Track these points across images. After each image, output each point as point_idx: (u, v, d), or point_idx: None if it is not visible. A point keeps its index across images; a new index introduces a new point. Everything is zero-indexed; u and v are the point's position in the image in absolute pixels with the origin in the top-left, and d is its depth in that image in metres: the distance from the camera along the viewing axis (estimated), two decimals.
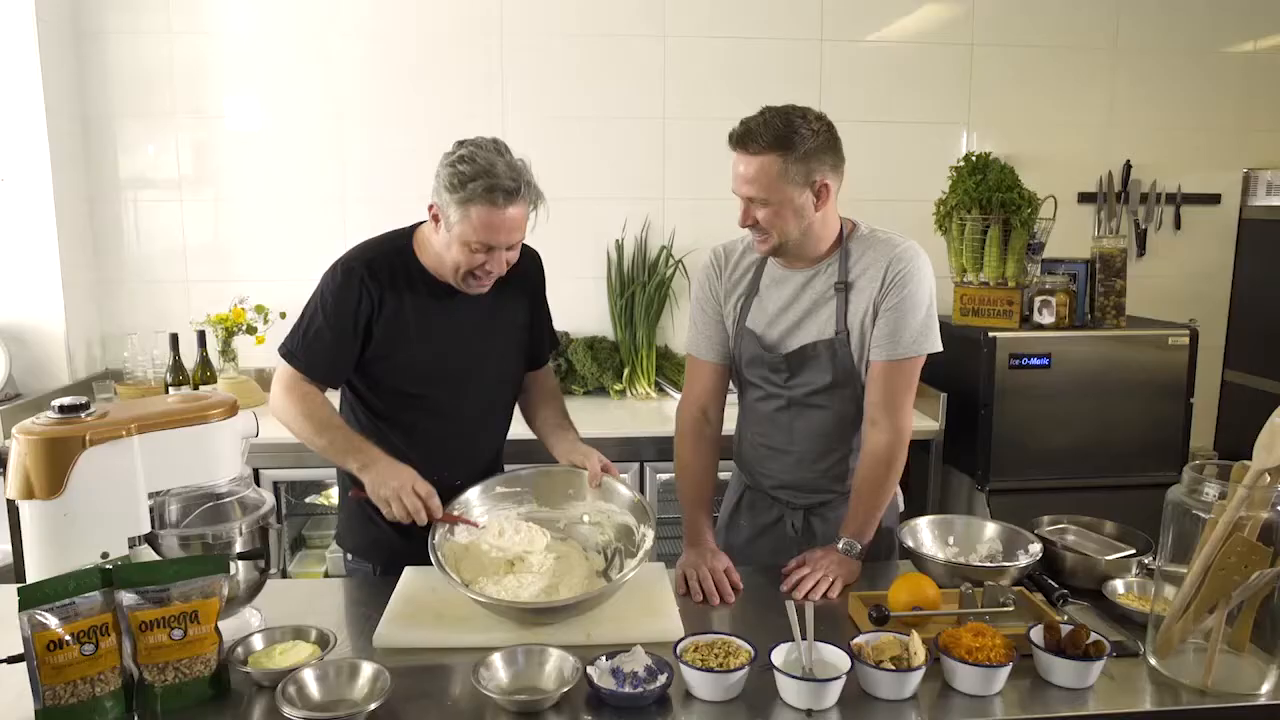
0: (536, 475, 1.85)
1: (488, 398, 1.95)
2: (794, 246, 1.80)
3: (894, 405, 1.81)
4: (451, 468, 1.84)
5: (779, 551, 1.95)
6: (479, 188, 1.66)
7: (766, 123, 1.70)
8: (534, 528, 1.71)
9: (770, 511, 2.01)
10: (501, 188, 1.67)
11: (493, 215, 1.68)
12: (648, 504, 1.76)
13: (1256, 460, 1.32)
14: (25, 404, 2.83)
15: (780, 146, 1.69)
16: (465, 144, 1.72)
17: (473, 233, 1.70)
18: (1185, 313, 3.27)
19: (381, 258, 1.82)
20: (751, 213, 1.76)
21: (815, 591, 1.70)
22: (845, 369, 1.83)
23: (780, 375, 1.88)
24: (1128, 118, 3.55)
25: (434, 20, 3.23)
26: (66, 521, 1.34)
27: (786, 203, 1.73)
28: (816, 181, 1.73)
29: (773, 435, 1.94)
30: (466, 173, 1.67)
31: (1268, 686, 1.36)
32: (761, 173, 1.71)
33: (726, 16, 3.32)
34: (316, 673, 1.32)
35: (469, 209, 1.68)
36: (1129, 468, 2.96)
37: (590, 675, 1.33)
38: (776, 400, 1.91)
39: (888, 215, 2.03)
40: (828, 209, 1.79)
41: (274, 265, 3.26)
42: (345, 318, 1.78)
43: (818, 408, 1.87)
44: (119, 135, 3.19)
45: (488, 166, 1.67)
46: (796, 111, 1.73)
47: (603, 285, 3.41)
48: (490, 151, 1.71)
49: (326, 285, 1.81)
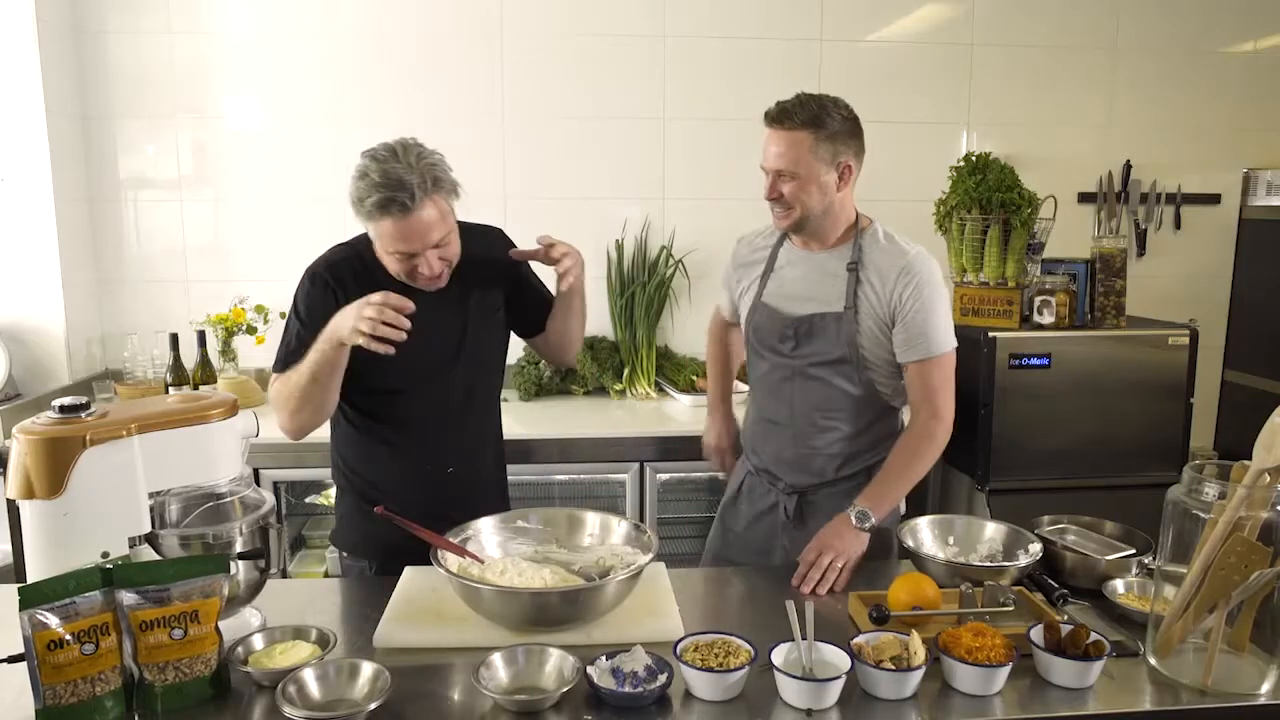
0: (559, 515, 1.81)
1: (469, 383, 1.94)
2: (814, 223, 1.93)
3: (933, 399, 1.91)
4: (447, 456, 1.86)
5: (771, 537, 2.06)
6: (375, 203, 1.64)
7: (802, 103, 1.87)
8: (542, 568, 1.62)
9: (766, 498, 2.08)
10: (397, 201, 1.63)
11: (399, 225, 1.66)
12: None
13: (1256, 460, 1.32)
14: (25, 404, 2.83)
15: (813, 125, 1.85)
16: (364, 155, 1.69)
17: (389, 243, 1.70)
18: (1185, 313, 3.27)
19: (343, 261, 1.84)
20: (778, 186, 1.89)
21: (822, 585, 1.73)
22: (849, 343, 1.92)
23: (788, 344, 1.98)
24: (1128, 118, 3.55)
25: (434, 20, 3.23)
26: (67, 521, 1.34)
27: (813, 178, 1.86)
28: (841, 162, 1.88)
29: (774, 408, 2.05)
30: (363, 188, 1.65)
31: (1267, 686, 1.36)
32: (793, 147, 1.85)
33: (726, 16, 3.32)
34: (316, 672, 1.32)
35: (377, 223, 1.69)
36: (1129, 468, 2.96)
37: (590, 675, 1.33)
38: (781, 371, 2.01)
39: (888, 215, 2.05)
40: (847, 192, 1.93)
41: (274, 265, 3.26)
42: (318, 319, 1.78)
43: (818, 380, 1.97)
44: (119, 135, 3.19)
45: (381, 179, 1.64)
46: (828, 98, 1.91)
47: (603, 285, 3.41)
48: (385, 161, 1.66)
49: (299, 295, 1.84)
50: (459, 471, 1.93)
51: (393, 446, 1.80)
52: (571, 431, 2.88)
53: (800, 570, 1.77)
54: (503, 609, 1.50)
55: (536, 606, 1.49)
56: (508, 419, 2.12)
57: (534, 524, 1.78)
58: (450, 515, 1.71)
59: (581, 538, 1.77)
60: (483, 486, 2.01)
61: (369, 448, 1.92)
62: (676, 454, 2.82)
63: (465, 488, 1.94)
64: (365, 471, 1.94)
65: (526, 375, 3.24)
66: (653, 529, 1.73)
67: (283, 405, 1.81)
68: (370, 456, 1.92)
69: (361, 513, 1.82)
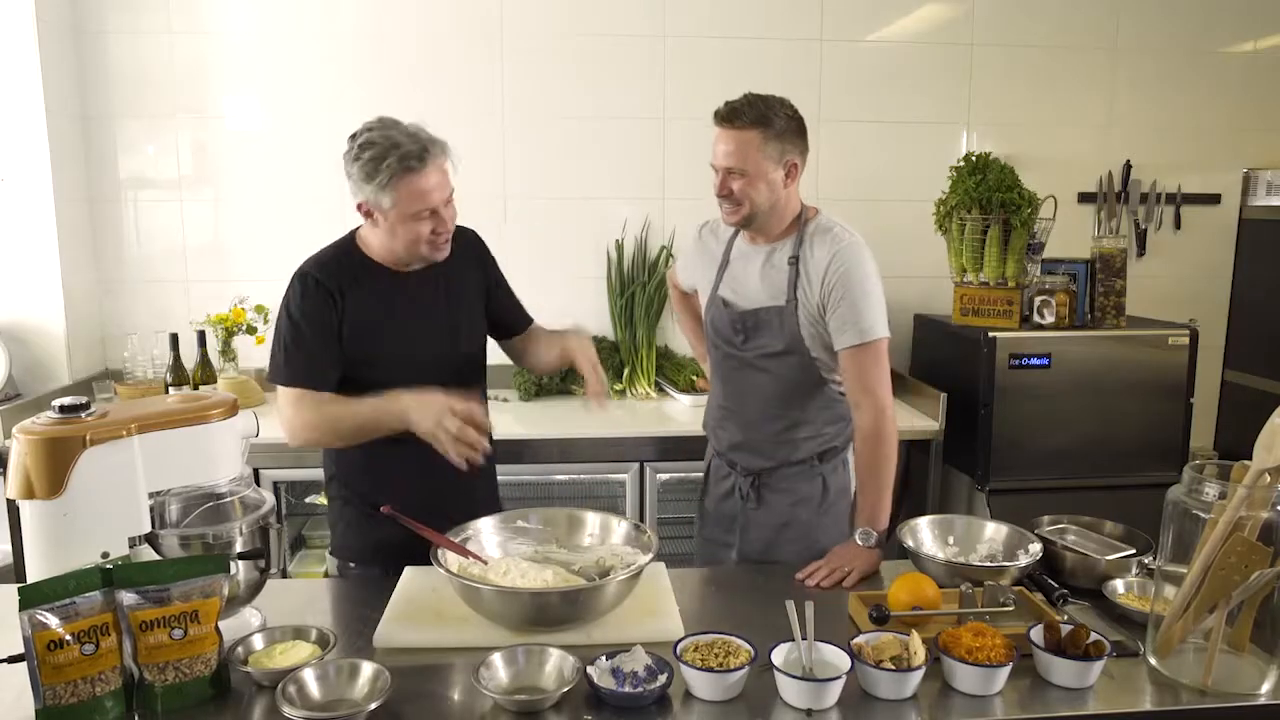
0: (559, 515, 1.81)
1: (465, 375, 1.95)
2: (761, 219, 1.98)
3: (869, 386, 1.93)
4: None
5: (732, 517, 2.15)
6: (398, 160, 1.70)
7: (750, 103, 1.92)
8: (544, 569, 1.62)
9: (727, 481, 2.17)
10: (416, 154, 1.72)
11: (418, 181, 1.73)
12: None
13: (1256, 460, 1.32)
14: (25, 404, 2.83)
15: (760, 124, 1.90)
16: (358, 134, 1.76)
17: (411, 202, 1.74)
18: (1185, 313, 3.28)
19: (330, 260, 1.85)
20: (729, 183, 1.94)
21: (827, 581, 1.76)
22: (792, 335, 1.98)
23: (739, 338, 2.06)
24: (1128, 118, 3.55)
25: (434, 20, 3.23)
26: (67, 521, 1.34)
27: (761, 175, 1.92)
28: (788, 160, 1.94)
29: (728, 397, 2.14)
30: (375, 155, 1.71)
31: (1268, 686, 1.36)
32: (742, 146, 1.91)
33: (726, 16, 3.32)
34: (316, 673, 1.32)
35: (396, 187, 1.72)
36: (1129, 468, 2.96)
37: (590, 675, 1.33)
38: (732, 362, 2.09)
39: (888, 215, 2.06)
40: (793, 189, 1.99)
41: (274, 265, 3.23)
42: (317, 321, 1.79)
43: (765, 371, 2.04)
44: (119, 135, 3.19)
45: (389, 143, 1.71)
46: (775, 98, 1.95)
47: (603, 285, 3.41)
48: (385, 129, 1.74)
49: (290, 300, 1.82)
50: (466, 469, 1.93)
51: (396, 441, 1.80)
52: (571, 431, 2.88)
53: (808, 569, 1.80)
54: (503, 609, 1.50)
55: (536, 606, 1.49)
56: (508, 419, 2.13)
57: (534, 524, 1.78)
58: (449, 515, 1.71)
59: (581, 538, 1.77)
60: (483, 482, 2.02)
61: (371, 452, 1.89)
62: (676, 454, 2.82)
63: (468, 484, 1.93)
64: (367, 476, 1.92)
65: (526, 375, 3.23)
66: (653, 529, 1.73)
67: (308, 428, 1.80)
68: (374, 458, 1.90)
69: (369, 519, 1.82)
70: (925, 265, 3.36)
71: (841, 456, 2.09)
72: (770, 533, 2.08)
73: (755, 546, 2.10)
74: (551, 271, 3.35)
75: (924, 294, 3.41)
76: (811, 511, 2.06)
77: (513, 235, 3.29)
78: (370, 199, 1.76)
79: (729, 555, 2.15)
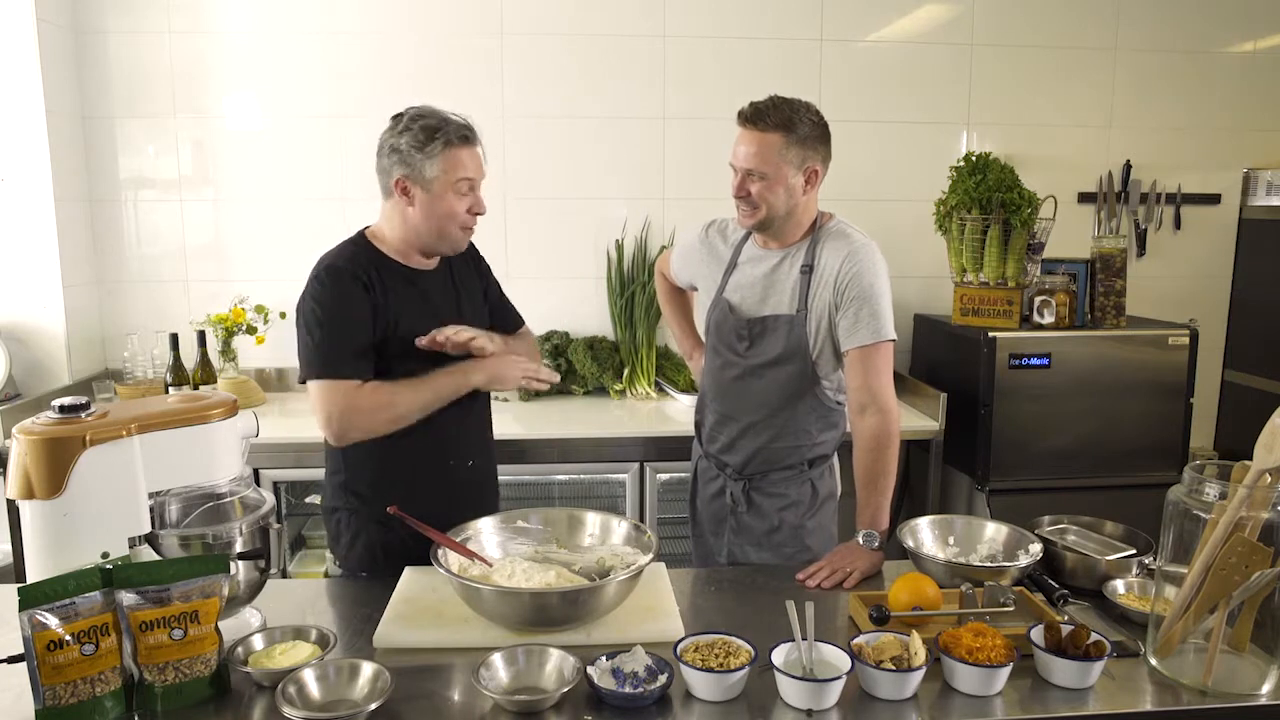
0: (559, 516, 1.81)
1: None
2: (777, 223, 1.97)
3: (875, 388, 1.92)
4: (458, 436, 1.91)
5: (720, 520, 2.15)
6: (449, 133, 1.79)
7: (776, 106, 1.90)
8: (547, 570, 1.61)
9: (715, 482, 2.16)
10: (465, 127, 1.83)
11: (467, 152, 1.82)
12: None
13: (1257, 460, 1.32)
14: (25, 404, 2.83)
15: (785, 128, 1.88)
16: (404, 114, 1.83)
17: (458, 171, 1.80)
18: (1185, 313, 3.28)
19: (354, 255, 1.86)
20: (747, 184, 1.93)
21: (828, 581, 1.75)
22: (799, 344, 1.97)
23: (742, 344, 2.04)
24: (1128, 118, 3.55)
25: (434, 20, 3.23)
26: (67, 521, 1.34)
27: (781, 179, 1.90)
28: (809, 167, 1.92)
29: (724, 402, 2.11)
30: (429, 126, 1.79)
31: (1268, 686, 1.36)
32: (764, 148, 1.89)
33: (726, 16, 3.32)
34: (316, 673, 1.32)
35: (447, 155, 1.79)
36: (1129, 468, 2.97)
37: (590, 675, 1.33)
38: (734, 369, 2.07)
39: (888, 215, 2.06)
40: (811, 195, 1.97)
41: (274, 265, 3.27)
42: (351, 310, 1.79)
43: (763, 378, 2.03)
44: (119, 135, 3.19)
45: (440, 120, 1.81)
46: (801, 103, 1.92)
47: (603, 285, 3.41)
48: (432, 108, 1.84)
49: (320, 294, 1.79)
50: (480, 463, 1.97)
51: (416, 434, 1.79)
52: (571, 431, 2.89)
53: (809, 569, 1.80)
54: (503, 609, 1.50)
55: (536, 607, 1.49)
56: (508, 419, 2.13)
57: (534, 524, 1.78)
58: (452, 516, 1.71)
59: (582, 538, 1.77)
60: (490, 480, 2.07)
61: (384, 456, 1.87)
62: (676, 454, 2.81)
63: (481, 482, 1.99)
64: (382, 484, 1.88)
65: None
66: (653, 529, 1.73)
67: (378, 414, 1.77)
68: (389, 463, 1.88)
69: (378, 525, 1.82)
70: (925, 265, 3.37)
71: (830, 462, 2.11)
72: (759, 536, 2.09)
73: (743, 549, 2.11)
74: (551, 271, 3.35)
75: (924, 294, 3.42)
76: (800, 515, 2.06)
77: (513, 235, 3.29)
78: (414, 171, 1.79)
79: (718, 557, 2.16)
